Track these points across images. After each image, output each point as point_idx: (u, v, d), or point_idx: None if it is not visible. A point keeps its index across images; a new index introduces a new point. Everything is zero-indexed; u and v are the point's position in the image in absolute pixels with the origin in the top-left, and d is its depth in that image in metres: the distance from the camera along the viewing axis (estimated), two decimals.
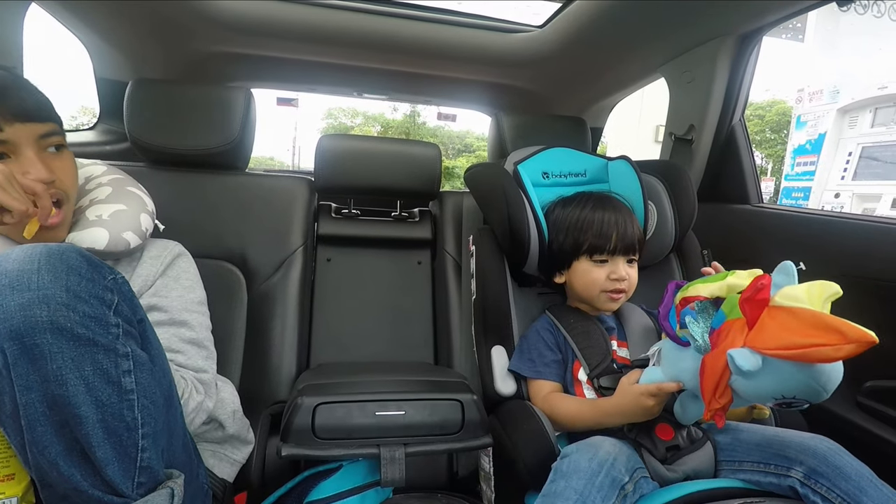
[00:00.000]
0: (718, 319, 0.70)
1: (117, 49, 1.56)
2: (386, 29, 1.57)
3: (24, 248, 0.54)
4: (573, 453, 0.77)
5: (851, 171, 5.85)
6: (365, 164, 1.36)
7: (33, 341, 0.50)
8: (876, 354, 1.03)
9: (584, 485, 0.71)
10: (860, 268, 1.06)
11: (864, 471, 0.72)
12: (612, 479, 0.73)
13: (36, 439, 0.52)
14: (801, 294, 0.61)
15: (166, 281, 0.89)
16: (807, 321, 0.58)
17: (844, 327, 0.55)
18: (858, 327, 0.55)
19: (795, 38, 8.24)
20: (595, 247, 0.98)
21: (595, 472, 0.73)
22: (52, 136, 0.77)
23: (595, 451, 0.76)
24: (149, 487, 0.57)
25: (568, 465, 0.75)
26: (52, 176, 0.75)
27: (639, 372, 0.85)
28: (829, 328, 0.56)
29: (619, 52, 1.52)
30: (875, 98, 5.69)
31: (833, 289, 0.61)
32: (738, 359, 0.61)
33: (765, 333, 0.61)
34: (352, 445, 0.81)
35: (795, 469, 0.75)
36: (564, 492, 0.71)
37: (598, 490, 0.71)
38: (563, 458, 0.78)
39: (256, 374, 1.11)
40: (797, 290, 0.62)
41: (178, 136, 1.18)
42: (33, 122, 0.74)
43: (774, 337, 0.60)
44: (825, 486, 0.72)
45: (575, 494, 0.70)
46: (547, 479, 0.85)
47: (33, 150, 0.74)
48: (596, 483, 0.72)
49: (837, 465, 0.72)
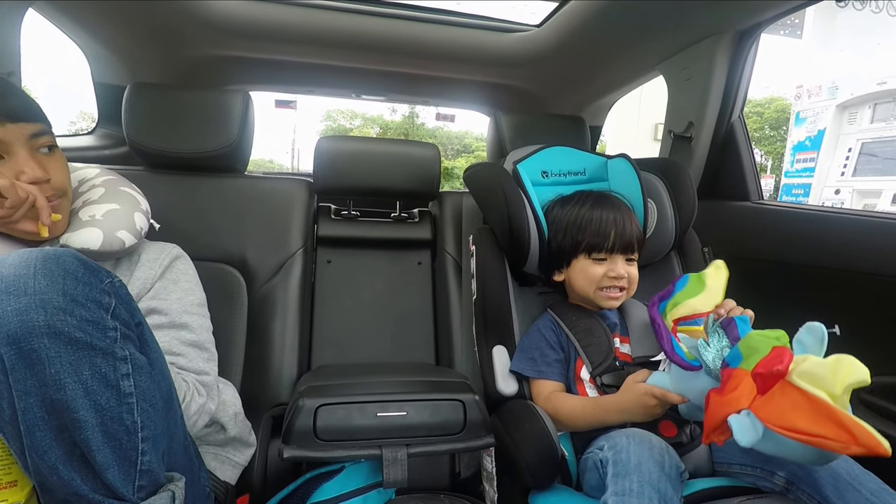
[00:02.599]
0: (733, 356, 0.68)
1: (115, 54, 1.56)
2: (383, 30, 1.57)
3: (20, 252, 0.54)
4: (628, 444, 0.73)
5: (851, 167, 5.84)
6: (364, 166, 1.36)
7: (30, 346, 0.50)
8: (879, 351, 1.03)
9: (657, 478, 0.68)
10: (861, 264, 1.05)
11: (842, 473, 0.71)
12: (677, 467, 0.72)
13: (35, 444, 0.52)
14: (825, 374, 0.57)
15: (165, 284, 0.89)
16: (820, 411, 0.55)
17: (856, 429, 0.52)
18: (871, 432, 0.51)
19: (794, 35, 8.24)
20: (593, 245, 0.98)
21: (661, 463, 0.70)
22: (42, 135, 0.78)
23: (649, 440, 0.74)
24: (149, 491, 0.56)
25: (629, 456, 0.71)
26: (46, 175, 0.76)
27: (647, 372, 0.84)
28: (842, 426, 0.53)
29: (617, 50, 1.52)
30: (874, 94, 5.68)
31: (860, 376, 0.55)
32: (736, 432, 0.60)
33: (772, 407, 0.59)
34: (354, 447, 0.81)
35: (778, 475, 0.76)
36: (643, 490, 0.67)
37: (670, 481, 0.69)
38: (617, 449, 0.73)
39: (257, 377, 1.11)
40: (821, 368, 0.57)
41: (177, 139, 1.18)
42: (23, 121, 0.75)
43: (781, 415, 0.57)
44: (806, 492, 0.72)
45: (656, 494, 0.67)
46: (548, 477, 0.85)
47: (26, 150, 0.75)
48: (666, 474, 0.70)
49: (813, 470, 0.72)
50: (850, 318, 1.10)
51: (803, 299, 1.18)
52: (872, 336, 1.06)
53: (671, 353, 0.74)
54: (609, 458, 0.74)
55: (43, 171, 0.76)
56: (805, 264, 1.17)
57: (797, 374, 0.59)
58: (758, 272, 1.27)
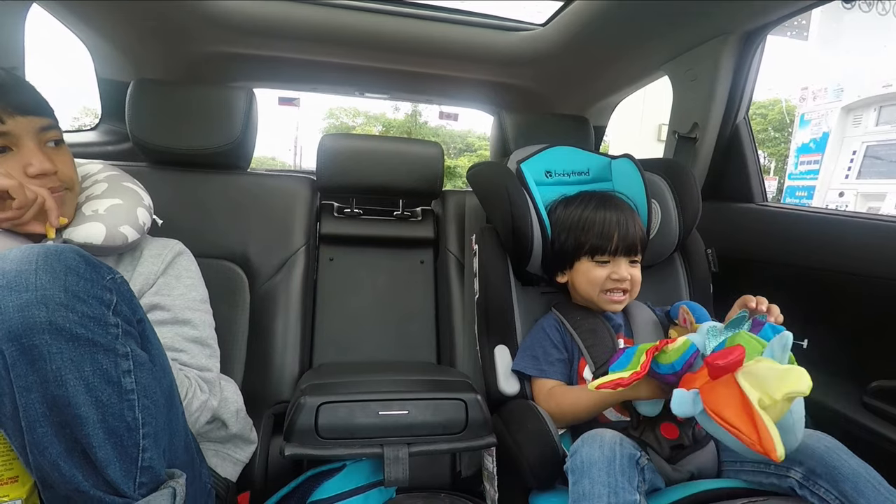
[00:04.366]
0: (719, 348, 0.74)
1: (119, 49, 1.56)
2: (388, 28, 1.57)
3: (21, 248, 0.54)
4: (581, 448, 0.76)
5: (856, 170, 5.81)
6: (367, 164, 1.36)
7: (32, 342, 0.49)
8: (882, 354, 1.03)
9: (606, 474, 0.70)
10: (865, 266, 1.05)
11: (862, 471, 0.71)
12: (629, 456, 0.73)
13: (36, 440, 0.52)
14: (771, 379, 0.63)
15: (168, 279, 0.89)
16: (745, 409, 0.62)
17: (763, 433, 0.59)
18: (775, 440, 0.58)
19: (800, 37, 8.20)
20: (596, 247, 0.97)
21: (611, 458, 0.72)
22: (50, 129, 0.79)
23: (601, 437, 0.76)
24: (150, 487, 0.56)
25: (581, 460, 0.74)
26: (53, 167, 0.78)
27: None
28: (755, 427, 0.60)
29: (622, 49, 1.51)
30: (880, 96, 5.65)
31: (800, 388, 0.61)
32: (673, 401, 0.68)
33: (713, 393, 0.66)
34: (355, 445, 0.81)
35: (794, 470, 0.75)
36: (593, 489, 0.70)
37: (622, 473, 0.70)
38: (573, 455, 0.76)
39: (259, 374, 1.11)
40: (770, 372, 0.63)
41: (180, 136, 1.18)
42: (33, 115, 0.76)
43: (717, 402, 0.65)
44: (823, 487, 0.71)
45: (605, 489, 0.69)
46: (549, 477, 0.85)
47: (34, 143, 0.76)
48: (616, 467, 0.71)
49: (835, 466, 0.71)
50: (854, 320, 1.10)
51: (806, 301, 1.17)
52: (876, 339, 1.05)
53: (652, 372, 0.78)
54: (569, 467, 0.76)
55: (50, 163, 0.77)
56: (809, 266, 1.16)
57: (742, 373, 0.65)
58: (761, 274, 1.27)
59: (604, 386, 0.77)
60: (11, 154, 0.75)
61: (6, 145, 0.74)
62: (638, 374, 0.75)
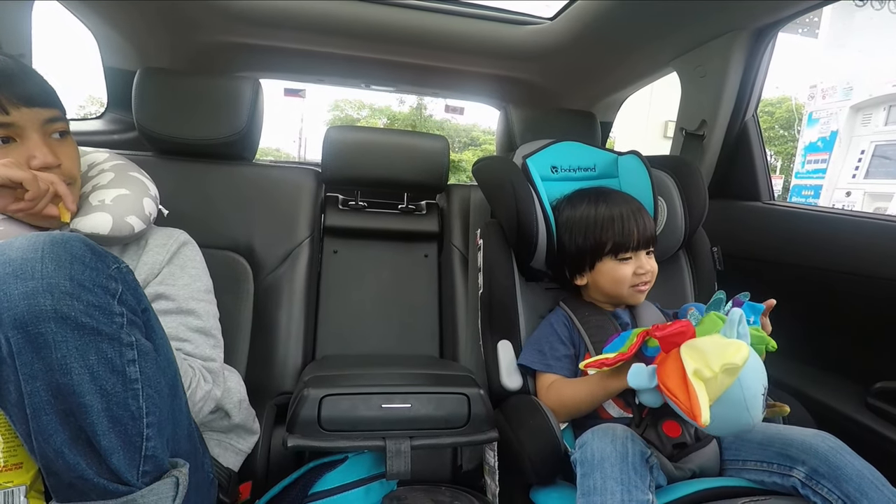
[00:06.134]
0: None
1: (125, 38, 1.56)
2: (395, 20, 1.56)
3: (27, 236, 0.54)
4: (591, 440, 0.75)
5: (864, 170, 5.78)
6: (372, 156, 1.35)
7: (37, 330, 0.50)
8: (887, 355, 1.02)
9: (619, 470, 0.70)
10: (871, 267, 1.04)
11: (865, 471, 0.70)
12: (640, 453, 0.73)
13: (41, 428, 0.52)
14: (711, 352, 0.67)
15: (173, 269, 0.89)
16: (684, 379, 0.67)
17: (693, 400, 0.64)
18: (702, 405, 0.63)
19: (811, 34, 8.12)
20: (619, 245, 0.96)
21: (623, 454, 0.72)
22: (56, 121, 0.78)
23: (612, 431, 0.75)
24: (154, 476, 0.57)
25: (592, 453, 0.73)
26: (57, 160, 0.77)
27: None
28: (688, 394, 0.65)
29: (631, 45, 1.50)
30: (889, 95, 5.61)
31: (737, 360, 0.64)
32: (630, 374, 0.74)
33: (662, 366, 0.71)
34: (357, 437, 0.81)
35: (797, 469, 0.74)
36: (605, 484, 0.69)
37: (634, 471, 0.70)
38: (583, 447, 0.76)
39: (262, 365, 1.11)
40: (712, 346, 0.68)
41: (187, 125, 1.18)
42: (38, 106, 0.75)
43: (665, 373, 0.70)
44: (826, 487, 0.71)
45: (619, 485, 0.69)
46: (550, 473, 0.85)
47: (39, 135, 0.75)
48: (629, 464, 0.70)
49: (838, 466, 0.71)
50: (859, 321, 1.10)
51: (811, 301, 1.17)
52: (882, 340, 1.05)
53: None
54: (577, 459, 0.76)
55: (54, 156, 0.76)
56: (815, 266, 1.15)
57: (685, 346, 0.70)
58: (766, 272, 1.26)
59: (590, 365, 0.79)
60: (15, 145, 0.74)
61: (10, 136, 0.73)
62: (623, 356, 0.77)
